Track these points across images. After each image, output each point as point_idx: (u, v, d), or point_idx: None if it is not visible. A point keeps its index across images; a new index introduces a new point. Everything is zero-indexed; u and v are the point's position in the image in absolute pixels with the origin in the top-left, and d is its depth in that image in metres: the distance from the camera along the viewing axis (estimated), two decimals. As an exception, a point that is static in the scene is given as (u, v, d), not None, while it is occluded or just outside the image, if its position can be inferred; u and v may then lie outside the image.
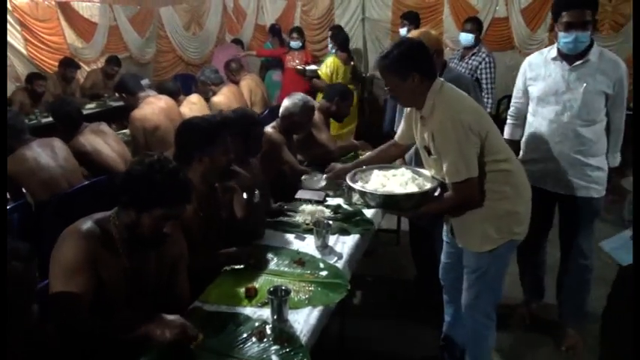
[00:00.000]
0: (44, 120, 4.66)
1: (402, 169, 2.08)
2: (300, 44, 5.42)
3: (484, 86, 3.97)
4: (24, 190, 2.65)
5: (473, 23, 4.05)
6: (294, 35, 5.41)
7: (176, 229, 1.66)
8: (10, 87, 5.28)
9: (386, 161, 2.24)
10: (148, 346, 1.37)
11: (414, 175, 2.01)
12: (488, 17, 5.66)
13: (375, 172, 2.06)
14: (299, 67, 5.24)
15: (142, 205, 1.44)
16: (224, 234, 2.00)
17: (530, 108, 2.41)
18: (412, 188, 1.91)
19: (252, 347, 1.43)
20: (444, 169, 1.79)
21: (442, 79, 1.87)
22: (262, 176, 2.47)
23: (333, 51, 4.90)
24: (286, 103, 2.85)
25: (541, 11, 5.59)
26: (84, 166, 2.96)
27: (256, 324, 1.53)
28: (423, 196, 1.88)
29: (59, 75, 5.40)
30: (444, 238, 2.19)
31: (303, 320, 1.57)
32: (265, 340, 1.46)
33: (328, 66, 4.69)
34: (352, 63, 4.95)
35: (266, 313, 1.59)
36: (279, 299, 1.53)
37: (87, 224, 1.49)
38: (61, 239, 1.48)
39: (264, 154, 2.53)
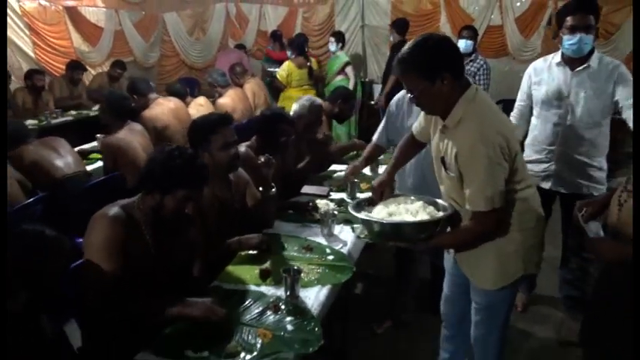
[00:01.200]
0: (54, 121, 4.82)
1: (411, 197, 1.88)
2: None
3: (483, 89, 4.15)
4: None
5: (469, 31, 4.23)
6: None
7: (195, 221, 1.83)
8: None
9: (411, 158, 2.11)
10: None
11: (425, 203, 1.80)
12: (483, 25, 5.86)
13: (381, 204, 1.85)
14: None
15: (166, 187, 1.60)
16: (237, 223, 2.14)
17: (535, 111, 2.55)
18: (423, 217, 1.70)
19: (269, 318, 1.58)
20: (467, 194, 1.58)
21: (476, 86, 1.64)
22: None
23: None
24: (294, 107, 3.03)
25: (534, 19, 5.81)
26: (108, 161, 3.09)
27: (271, 299, 1.68)
28: (435, 226, 1.69)
29: (66, 77, 5.54)
30: (446, 267, 1.99)
31: (313, 297, 1.72)
32: (280, 312, 1.61)
33: (284, 69, 5.06)
34: (309, 65, 5.27)
35: (279, 291, 1.73)
36: (292, 277, 1.68)
37: (114, 210, 1.63)
38: (91, 224, 1.62)
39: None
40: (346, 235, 2.23)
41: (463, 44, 4.15)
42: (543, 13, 5.72)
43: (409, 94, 1.61)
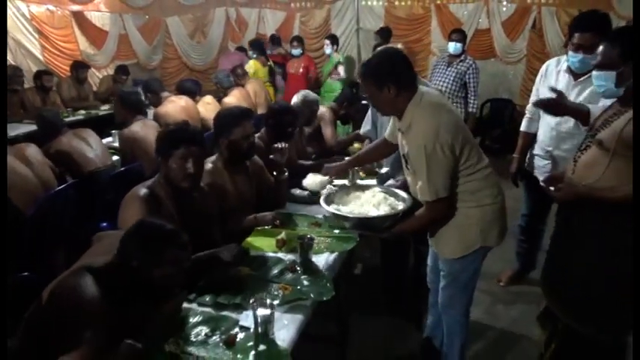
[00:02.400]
0: (65, 120, 5.04)
1: (374, 190, 2.19)
2: (300, 51, 5.91)
3: (471, 89, 4.46)
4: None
5: (458, 34, 4.55)
6: (295, 44, 5.92)
7: (211, 195, 2.11)
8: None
9: (378, 159, 2.45)
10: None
11: (386, 196, 2.13)
12: (471, 28, 6.19)
13: (352, 193, 2.21)
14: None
15: (165, 152, 1.88)
16: (254, 202, 2.42)
17: (541, 112, 2.66)
18: (385, 209, 2.03)
19: (287, 276, 1.86)
20: (418, 187, 1.86)
21: (424, 89, 1.89)
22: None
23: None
24: (293, 100, 3.32)
25: (520, 23, 6.15)
26: (127, 151, 3.34)
27: (288, 263, 1.96)
28: (395, 217, 1.98)
29: (72, 78, 5.77)
30: (429, 242, 2.22)
31: (323, 261, 1.99)
32: (296, 272, 1.89)
33: (251, 67, 5.78)
34: (269, 64, 6.06)
35: (294, 257, 2.00)
36: (306, 243, 1.96)
37: (142, 190, 1.89)
38: (123, 203, 1.87)
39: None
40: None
41: (452, 46, 4.47)
42: (528, 17, 6.06)
43: (364, 95, 1.93)
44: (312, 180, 2.48)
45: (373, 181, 2.72)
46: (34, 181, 2.63)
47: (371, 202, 2.08)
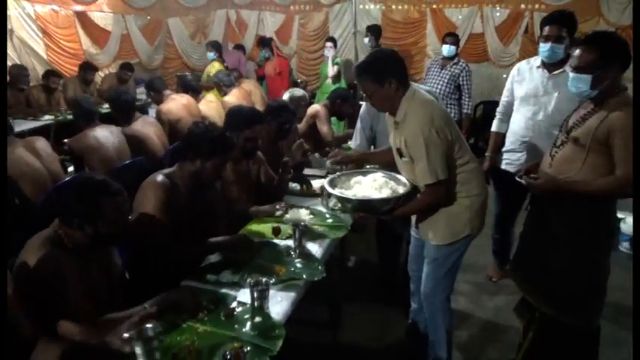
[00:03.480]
0: (69, 117, 5.20)
1: (376, 175, 2.25)
2: (269, 54, 6.17)
3: (465, 91, 4.59)
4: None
5: (452, 37, 4.69)
6: (263, 46, 6.24)
7: (218, 191, 2.27)
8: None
9: (380, 161, 2.48)
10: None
11: (387, 180, 2.19)
12: (466, 33, 6.34)
13: (353, 178, 2.27)
14: None
15: (206, 155, 2.01)
16: (253, 192, 2.56)
17: (515, 106, 2.90)
18: (386, 192, 2.09)
19: (284, 259, 2.00)
20: (417, 172, 1.95)
21: (415, 85, 2.03)
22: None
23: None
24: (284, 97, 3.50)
25: (512, 28, 6.30)
26: (133, 148, 3.44)
27: (283, 248, 2.10)
28: (397, 200, 2.04)
29: (79, 78, 5.91)
30: (412, 232, 2.36)
31: (316, 247, 2.14)
32: (290, 256, 2.03)
33: (215, 67, 5.89)
34: (225, 65, 6.20)
35: (289, 242, 2.14)
36: (300, 230, 2.09)
37: (160, 177, 2.02)
38: (141, 189, 2.00)
39: None
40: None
41: (446, 49, 4.61)
42: (520, 23, 6.21)
43: (363, 95, 2.02)
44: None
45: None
46: (44, 172, 2.76)
47: (373, 185, 2.15)
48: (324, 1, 6.96)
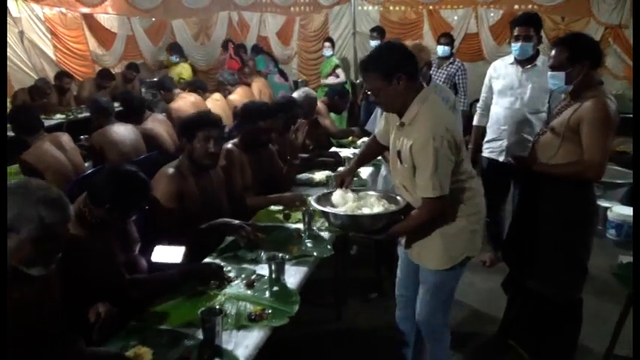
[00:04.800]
0: (80, 115, 5.41)
1: (367, 193, 2.05)
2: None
3: (461, 89, 4.84)
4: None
5: (447, 37, 4.92)
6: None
7: (222, 175, 2.47)
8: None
9: (373, 157, 2.45)
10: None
11: (379, 197, 1.98)
12: (461, 33, 6.56)
13: (341, 194, 2.00)
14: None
15: (190, 134, 2.21)
16: (265, 182, 2.77)
17: (493, 100, 3.23)
18: (378, 209, 1.87)
19: (295, 241, 2.21)
20: (418, 181, 1.75)
21: (432, 87, 1.95)
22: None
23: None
24: (295, 95, 3.69)
25: (506, 28, 6.44)
26: (146, 144, 3.64)
27: (294, 231, 2.31)
28: (389, 217, 1.85)
29: (95, 83, 6.10)
30: (399, 253, 2.16)
31: (324, 231, 2.35)
32: (301, 237, 2.24)
33: (186, 69, 6.69)
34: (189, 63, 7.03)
35: (299, 226, 2.35)
36: (309, 214, 2.30)
37: (169, 170, 2.23)
38: (154, 180, 2.19)
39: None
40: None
41: (441, 49, 4.84)
42: (514, 23, 6.43)
43: (368, 92, 2.03)
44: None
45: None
46: (68, 165, 2.97)
47: (364, 204, 1.95)
48: (323, 2, 7.16)
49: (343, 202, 1.95)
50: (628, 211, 3.87)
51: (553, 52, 2.16)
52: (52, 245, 1.27)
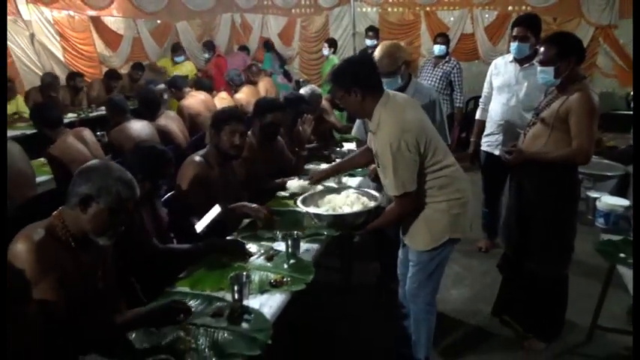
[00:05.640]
0: (91, 114, 5.62)
1: (348, 191, 2.30)
2: (210, 55, 6.89)
3: (456, 87, 5.04)
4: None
5: (442, 37, 5.14)
6: (204, 48, 6.92)
7: (242, 166, 2.68)
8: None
9: (361, 165, 2.57)
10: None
11: (359, 195, 2.23)
12: (457, 33, 6.79)
13: (327, 196, 2.29)
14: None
15: (218, 126, 2.44)
16: (276, 171, 2.99)
17: (493, 96, 3.40)
18: (358, 207, 2.10)
19: (303, 219, 2.43)
20: (384, 182, 1.98)
21: (391, 92, 2.00)
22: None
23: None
24: (302, 91, 3.91)
25: (501, 28, 6.75)
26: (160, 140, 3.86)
27: (305, 214, 2.51)
28: (368, 214, 2.07)
29: (103, 84, 6.30)
30: (401, 237, 2.31)
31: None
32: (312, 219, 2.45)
33: (190, 70, 6.85)
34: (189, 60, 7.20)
35: (305, 208, 2.54)
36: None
37: (197, 157, 2.45)
38: (183, 166, 2.42)
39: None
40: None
41: (437, 49, 5.05)
42: (508, 23, 6.61)
43: (335, 100, 2.25)
44: (294, 183, 2.74)
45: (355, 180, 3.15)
46: (91, 158, 3.16)
47: (345, 202, 2.17)
48: (324, 4, 7.39)
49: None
50: (615, 200, 4.08)
51: (542, 49, 2.37)
52: (121, 217, 1.50)
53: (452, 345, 2.68)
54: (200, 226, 2.07)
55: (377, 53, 2.52)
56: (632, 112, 5.49)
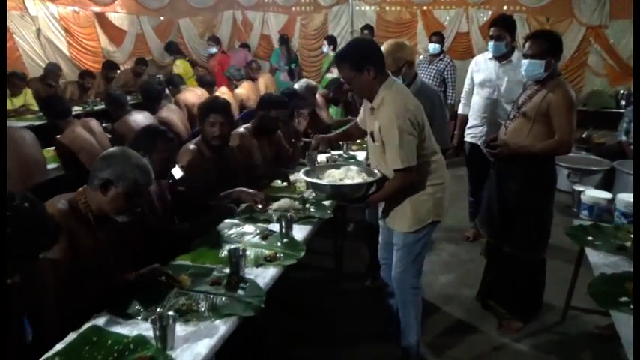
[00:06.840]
0: (96, 107, 5.78)
1: (350, 167, 2.33)
2: (215, 50, 6.99)
3: (449, 83, 5.23)
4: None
5: (437, 36, 5.32)
6: (210, 42, 7.05)
7: (236, 153, 2.86)
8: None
9: (356, 138, 2.74)
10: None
11: (359, 170, 2.26)
12: (453, 32, 6.94)
13: (328, 170, 2.34)
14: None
15: (202, 117, 2.62)
16: (272, 161, 3.17)
17: (475, 91, 3.64)
18: (358, 180, 2.16)
19: (299, 206, 2.60)
20: (387, 157, 2.02)
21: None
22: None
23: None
24: (296, 86, 4.08)
25: (495, 28, 6.91)
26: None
27: (299, 199, 2.69)
28: (369, 187, 2.12)
29: (102, 75, 6.48)
30: (380, 222, 2.42)
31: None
32: (304, 204, 2.62)
33: (180, 66, 6.78)
34: (187, 59, 7.29)
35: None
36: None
37: (191, 145, 2.64)
38: (179, 154, 2.59)
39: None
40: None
41: (432, 47, 5.23)
42: (502, 23, 6.82)
43: (342, 80, 2.30)
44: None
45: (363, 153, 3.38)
46: (98, 147, 3.35)
47: (346, 175, 2.24)
48: (323, 2, 7.55)
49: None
50: (598, 194, 4.25)
51: (530, 43, 2.49)
52: (137, 201, 1.70)
53: (438, 327, 2.84)
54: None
55: None
56: (621, 110, 5.65)
